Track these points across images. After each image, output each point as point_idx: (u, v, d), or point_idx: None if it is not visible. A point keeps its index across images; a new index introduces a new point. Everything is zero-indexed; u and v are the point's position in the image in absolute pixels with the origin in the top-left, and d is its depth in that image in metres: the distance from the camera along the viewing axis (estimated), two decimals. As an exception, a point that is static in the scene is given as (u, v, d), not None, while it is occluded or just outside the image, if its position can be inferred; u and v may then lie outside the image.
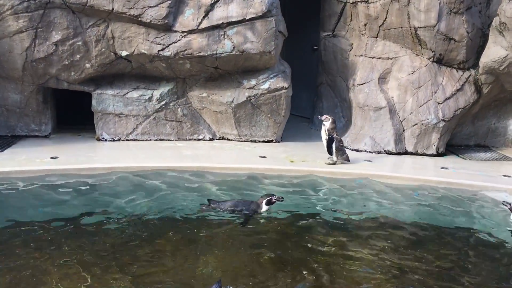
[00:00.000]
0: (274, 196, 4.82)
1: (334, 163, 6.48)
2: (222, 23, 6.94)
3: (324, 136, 6.51)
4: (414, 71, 7.46)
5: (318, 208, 5.20)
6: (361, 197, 5.62)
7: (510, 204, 4.96)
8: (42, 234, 4.20)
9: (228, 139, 7.77)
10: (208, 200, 4.99)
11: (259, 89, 7.41)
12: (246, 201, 4.91)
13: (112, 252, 3.91)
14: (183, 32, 6.91)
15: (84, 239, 4.12)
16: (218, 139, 7.79)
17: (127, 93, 7.35)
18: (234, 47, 7.02)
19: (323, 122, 6.52)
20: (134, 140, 7.44)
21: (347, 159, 6.59)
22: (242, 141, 7.70)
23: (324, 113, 9.01)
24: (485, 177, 6.32)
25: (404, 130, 7.46)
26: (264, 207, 4.80)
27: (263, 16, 7.00)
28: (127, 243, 4.09)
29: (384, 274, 3.75)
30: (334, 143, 6.42)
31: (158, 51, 6.92)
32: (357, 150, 7.50)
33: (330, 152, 6.46)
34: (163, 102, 7.46)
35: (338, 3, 8.31)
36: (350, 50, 8.26)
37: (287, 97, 7.58)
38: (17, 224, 4.41)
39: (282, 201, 4.85)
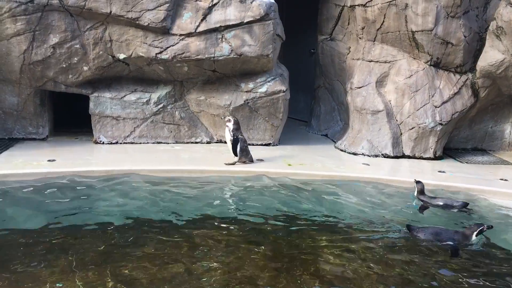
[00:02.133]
0: (485, 226, 4.45)
1: (234, 164, 6.44)
2: (220, 26, 6.95)
3: (228, 137, 6.52)
4: (412, 75, 7.47)
5: (312, 211, 5.18)
6: (357, 200, 5.61)
7: (418, 182, 5.54)
8: (38, 237, 4.18)
9: (225, 142, 7.75)
10: (407, 226, 4.58)
11: (256, 92, 7.42)
12: (448, 230, 4.53)
13: (108, 256, 3.90)
14: (181, 35, 6.92)
15: (81, 242, 4.10)
16: (216, 142, 7.79)
17: (125, 96, 7.35)
18: (232, 50, 7.03)
19: (227, 124, 6.54)
20: (132, 143, 7.44)
21: (251, 160, 6.59)
22: (239, 144, 7.70)
23: (321, 116, 9.08)
24: (482, 180, 6.33)
25: (401, 134, 7.48)
26: (474, 238, 4.42)
27: (261, 19, 7.02)
28: (124, 247, 4.08)
29: (380, 278, 3.75)
30: (239, 144, 6.43)
31: (156, 54, 6.92)
32: (354, 154, 7.51)
33: (235, 152, 6.45)
34: (161, 105, 7.47)
35: (336, 6, 8.34)
36: (348, 54, 8.29)
37: (285, 100, 7.59)
38: (14, 227, 4.39)
39: (491, 228, 4.50)
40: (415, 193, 5.57)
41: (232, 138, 6.47)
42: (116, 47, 6.94)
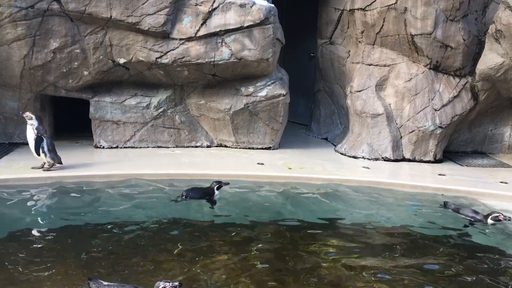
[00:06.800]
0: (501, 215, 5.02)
1: (42, 167, 5.84)
2: (220, 30, 6.96)
3: (32, 135, 5.77)
4: (411, 78, 7.49)
5: (314, 214, 5.19)
6: (358, 203, 5.62)
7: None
8: (39, 241, 4.19)
9: (226, 146, 7.78)
10: (444, 202, 5.49)
11: (256, 96, 7.43)
12: (473, 210, 5.24)
13: (109, 260, 3.90)
14: (181, 39, 6.93)
15: (81, 246, 4.10)
16: (216, 146, 7.79)
17: (125, 100, 7.36)
18: (231, 55, 7.04)
19: (28, 122, 5.78)
20: (132, 147, 7.44)
21: (60, 162, 5.94)
22: (239, 148, 7.71)
23: (321, 120, 9.08)
24: (483, 183, 6.34)
25: (401, 137, 7.48)
26: (490, 221, 5.02)
27: (261, 23, 7.03)
28: (125, 251, 4.08)
29: (380, 281, 3.75)
30: (45, 142, 5.76)
31: (156, 58, 6.94)
32: (354, 157, 7.51)
33: (38, 153, 5.77)
34: (161, 109, 7.47)
35: (335, 10, 8.36)
36: (347, 57, 8.30)
37: (285, 104, 7.60)
38: (14, 231, 4.40)
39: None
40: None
41: (35, 136, 5.74)
42: (116, 52, 6.95)
